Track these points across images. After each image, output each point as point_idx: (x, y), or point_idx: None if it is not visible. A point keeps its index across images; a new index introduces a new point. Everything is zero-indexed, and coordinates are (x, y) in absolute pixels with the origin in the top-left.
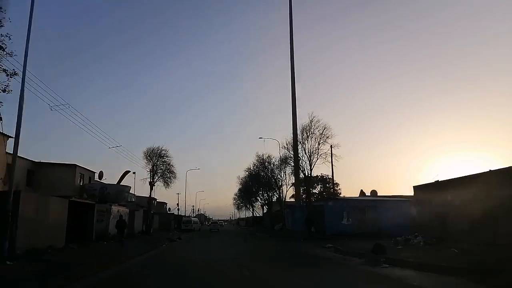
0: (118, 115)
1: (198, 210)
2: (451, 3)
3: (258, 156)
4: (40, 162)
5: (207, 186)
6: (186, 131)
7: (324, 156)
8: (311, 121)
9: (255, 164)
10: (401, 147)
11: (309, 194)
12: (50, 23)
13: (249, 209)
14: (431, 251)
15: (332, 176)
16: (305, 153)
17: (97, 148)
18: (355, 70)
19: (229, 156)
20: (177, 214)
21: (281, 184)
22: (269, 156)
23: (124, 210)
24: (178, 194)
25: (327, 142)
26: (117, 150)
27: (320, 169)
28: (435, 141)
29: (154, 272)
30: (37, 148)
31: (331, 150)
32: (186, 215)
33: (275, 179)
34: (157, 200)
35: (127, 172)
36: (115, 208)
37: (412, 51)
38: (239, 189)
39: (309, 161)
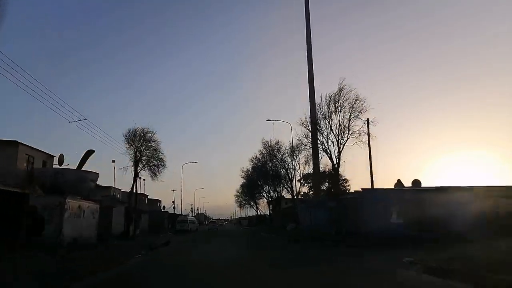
0: (118, 115)
1: (198, 209)
2: (451, 3)
3: (264, 142)
4: None
5: (207, 186)
6: (186, 131)
7: (357, 135)
8: (340, 90)
9: (261, 153)
10: (401, 147)
11: (337, 183)
12: (50, 23)
13: (253, 207)
14: None
15: (370, 160)
16: (332, 131)
17: (71, 132)
18: (355, 70)
19: (229, 156)
20: (172, 212)
21: (293, 175)
22: (278, 142)
23: (91, 205)
24: (173, 191)
25: (359, 118)
26: (91, 131)
27: (351, 150)
28: (435, 141)
29: None
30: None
31: (368, 126)
32: (184, 213)
33: (286, 169)
34: (149, 197)
35: (90, 152)
36: (74, 203)
37: (412, 51)
38: (242, 184)
39: (337, 141)
